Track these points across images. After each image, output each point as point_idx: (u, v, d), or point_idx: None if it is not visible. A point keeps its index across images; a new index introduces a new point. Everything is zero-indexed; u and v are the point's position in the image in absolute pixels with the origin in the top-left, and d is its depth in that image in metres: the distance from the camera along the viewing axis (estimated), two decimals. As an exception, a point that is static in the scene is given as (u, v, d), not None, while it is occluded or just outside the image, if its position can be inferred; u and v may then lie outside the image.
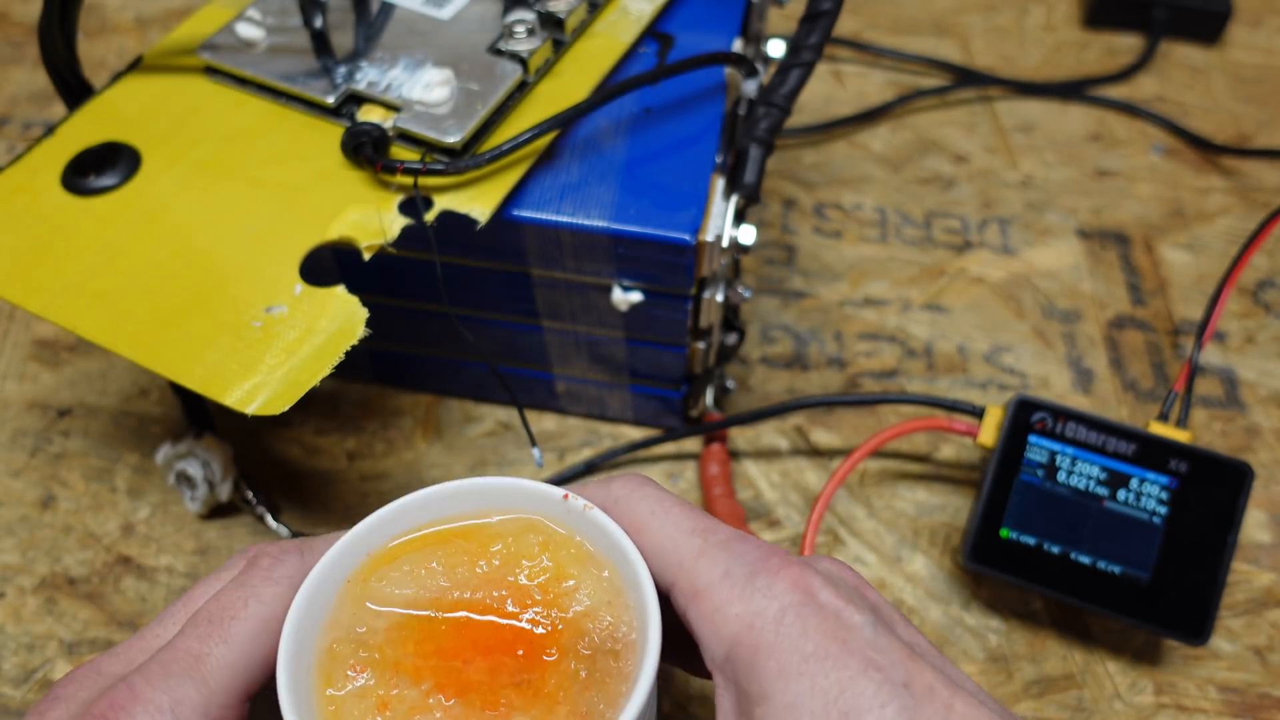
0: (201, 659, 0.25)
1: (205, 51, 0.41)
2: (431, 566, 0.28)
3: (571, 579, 0.28)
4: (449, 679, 0.26)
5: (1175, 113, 0.64)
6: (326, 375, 0.32)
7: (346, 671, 0.26)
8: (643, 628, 0.26)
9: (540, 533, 0.29)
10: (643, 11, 0.44)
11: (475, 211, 0.36)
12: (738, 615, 0.24)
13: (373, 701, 0.25)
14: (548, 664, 0.26)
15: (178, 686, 0.24)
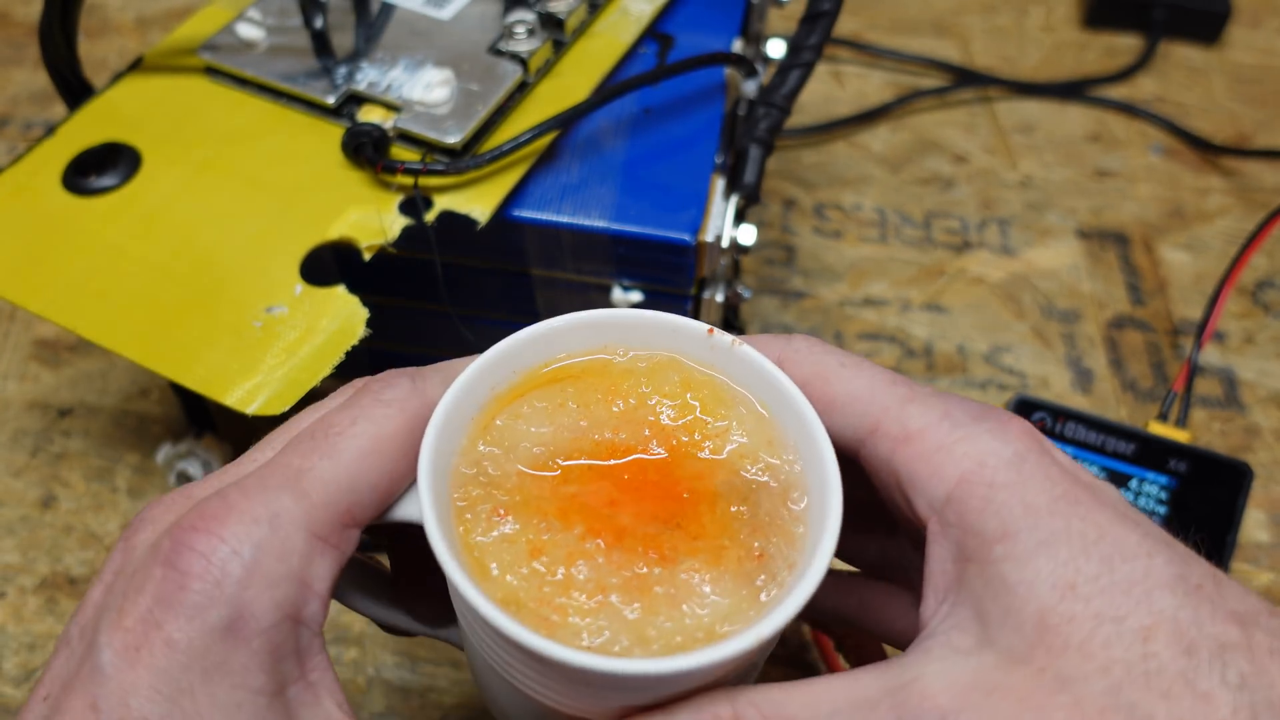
0: (303, 473, 0.22)
1: (206, 52, 0.41)
2: (567, 404, 0.26)
3: (722, 418, 0.26)
4: (601, 523, 0.24)
5: (1175, 113, 0.64)
6: (327, 375, 0.32)
7: (491, 517, 0.24)
8: (813, 460, 0.25)
9: (681, 371, 0.26)
10: (643, 11, 0.44)
11: (475, 212, 0.36)
12: (966, 454, 0.22)
13: (523, 547, 0.23)
14: (705, 506, 0.24)
15: (276, 499, 0.22)
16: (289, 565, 0.21)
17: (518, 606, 0.22)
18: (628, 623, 0.22)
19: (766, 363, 0.26)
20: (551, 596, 0.23)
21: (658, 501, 0.24)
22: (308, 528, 0.22)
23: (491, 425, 0.25)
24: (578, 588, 0.23)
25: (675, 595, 0.23)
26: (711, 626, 0.22)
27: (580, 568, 0.23)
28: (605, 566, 0.23)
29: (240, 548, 0.21)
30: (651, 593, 0.23)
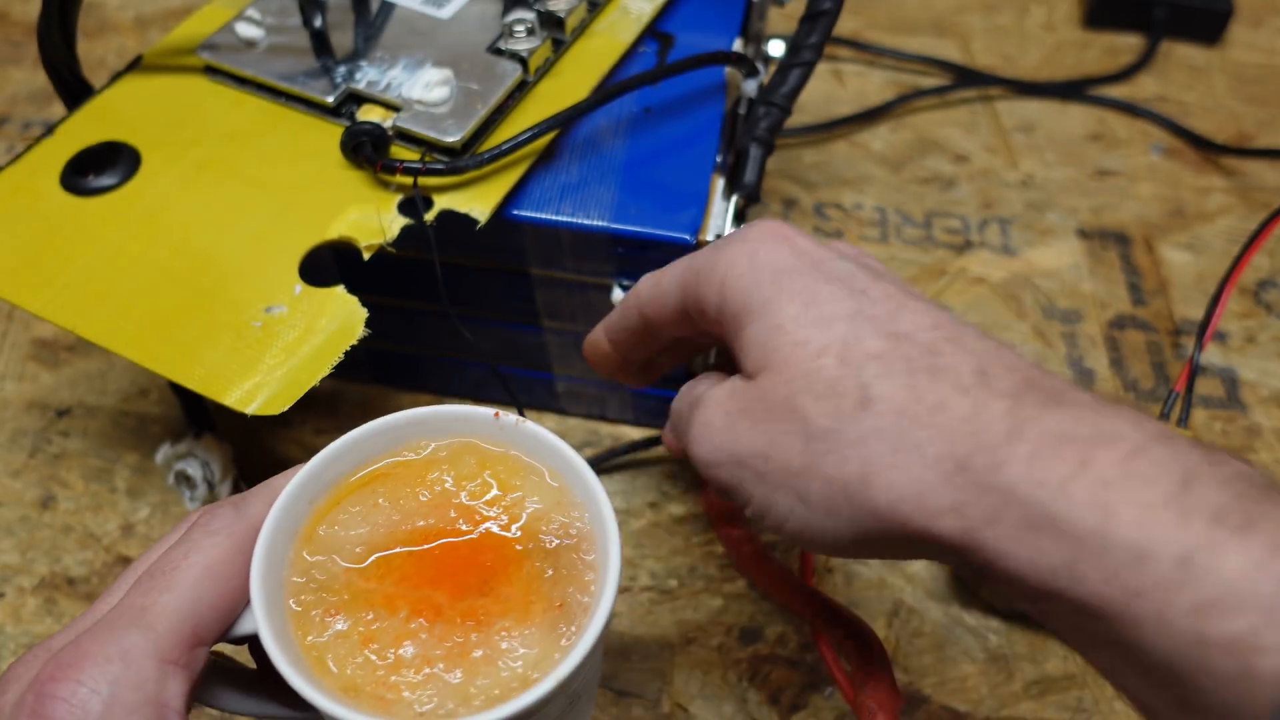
0: (146, 609, 0.25)
1: (205, 51, 0.41)
2: (379, 503, 0.28)
3: (516, 489, 0.29)
4: (423, 604, 0.27)
5: (1176, 112, 0.64)
6: (326, 375, 0.32)
7: (323, 619, 0.26)
8: (596, 517, 0.28)
9: (475, 453, 0.30)
10: (643, 11, 0.44)
11: (475, 211, 0.36)
12: (725, 263, 0.28)
13: (356, 639, 0.26)
14: (512, 570, 0.27)
15: (124, 636, 0.24)
16: (144, 692, 0.24)
17: (356, 692, 0.25)
18: (452, 687, 0.25)
19: (549, 435, 0.29)
20: (385, 678, 0.25)
21: (469, 574, 0.27)
22: (157, 656, 0.24)
23: (315, 535, 0.28)
24: (406, 665, 0.26)
25: (491, 655, 0.26)
26: (525, 675, 0.25)
27: (407, 647, 0.26)
28: (429, 641, 0.26)
29: (98, 686, 0.23)
30: (470, 658, 0.26)
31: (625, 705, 0.39)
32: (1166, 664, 0.20)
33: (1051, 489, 0.21)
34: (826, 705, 0.39)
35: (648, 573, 0.43)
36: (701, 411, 0.27)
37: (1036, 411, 0.22)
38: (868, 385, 0.24)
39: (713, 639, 0.41)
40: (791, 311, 0.26)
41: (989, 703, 0.39)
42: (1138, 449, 0.21)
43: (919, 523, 0.23)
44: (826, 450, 0.24)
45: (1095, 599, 0.21)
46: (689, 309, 0.29)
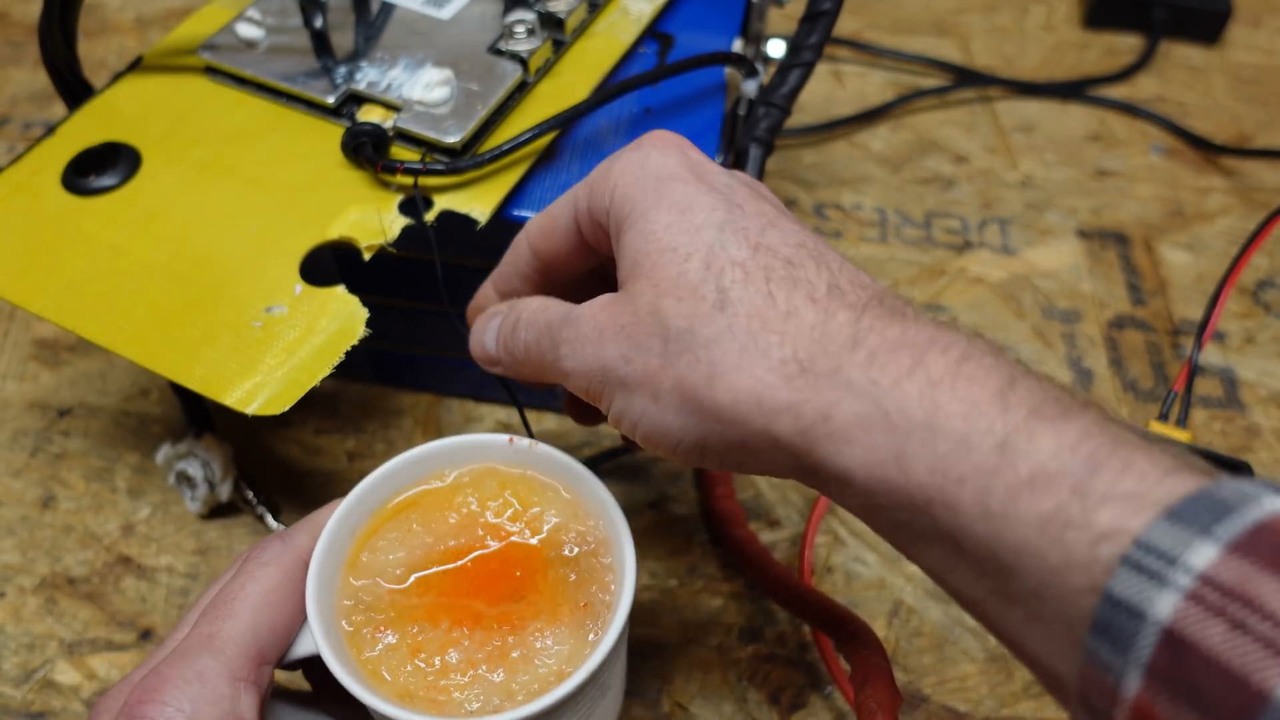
0: (214, 636, 0.28)
1: (205, 51, 0.41)
2: (413, 528, 0.31)
3: (536, 505, 0.32)
4: (462, 614, 0.29)
5: (1175, 113, 0.64)
6: (326, 375, 0.32)
7: (374, 636, 0.29)
8: (609, 524, 0.31)
9: (496, 476, 0.32)
10: (643, 11, 0.44)
11: (475, 211, 0.36)
12: (618, 168, 0.28)
13: (405, 651, 0.29)
14: (539, 577, 0.30)
15: (198, 660, 0.27)
16: (221, 708, 0.27)
17: (411, 698, 0.28)
18: (496, 686, 0.28)
19: (560, 454, 0.32)
20: (435, 682, 0.28)
21: (501, 584, 0.30)
22: (229, 675, 0.27)
23: (359, 562, 0.31)
24: (453, 670, 0.28)
25: (528, 655, 0.29)
26: (559, 670, 0.28)
27: (452, 654, 0.29)
28: (471, 647, 0.29)
29: (181, 705, 0.26)
30: (509, 658, 0.29)
31: (625, 705, 0.39)
32: (987, 550, 0.21)
33: (884, 387, 0.22)
34: (826, 705, 0.39)
35: (648, 573, 0.43)
36: (573, 326, 0.28)
37: (878, 323, 0.24)
38: (726, 290, 0.25)
39: (713, 639, 0.41)
40: (666, 219, 0.26)
41: (988, 702, 0.40)
42: (967, 355, 0.23)
43: (757, 423, 0.24)
44: (681, 350, 0.25)
45: (921, 490, 0.22)
46: (584, 229, 0.30)
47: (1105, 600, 0.19)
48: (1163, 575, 0.18)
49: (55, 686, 0.39)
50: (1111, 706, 0.19)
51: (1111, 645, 0.18)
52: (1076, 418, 0.21)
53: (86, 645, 0.41)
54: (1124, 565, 0.18)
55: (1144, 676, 0.18)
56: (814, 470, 0.24)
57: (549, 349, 0.29)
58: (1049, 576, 0.20)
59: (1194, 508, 0.18)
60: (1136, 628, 0.18)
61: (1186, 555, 0.18)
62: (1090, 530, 0.19)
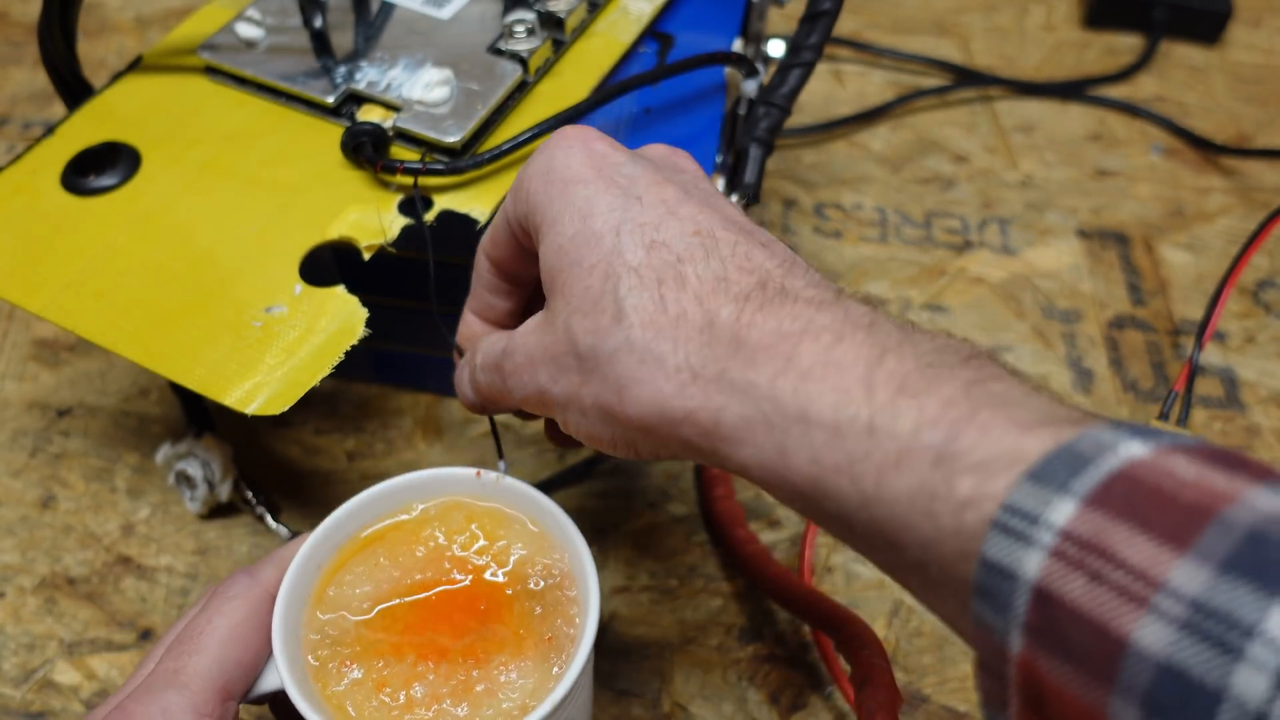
0: (179, 671, 0.28)
1: (205, 51, 0.41)
2: (380, 562, 0.31)
3: (502, 539, 0.32)
4: (427, 648, 0.29)
5: (1175, 113, 0.64)
6: (326, 375, 0.32)
7: (339, 670, 0.29)
8: (575, 557, 0.31)
9: (463, 509, 0.33)
10: (643, 11, 0.44)
11: (475, 211, 0.36)
12: (529, 173, 0.29)
13: (370, 685, 0.29)
14: (504, 611, 0.30)
15: (163, 696, 0.27)
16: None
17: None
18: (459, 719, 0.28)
19: (528, 488, 0.32)
20: (400, 717, 0.28)
21: (466, 618, 0.30)
22: (193, 711, 0.27)
23: (325, 596, 0.31)
24: (418, 704, 0.28)
25: (492, 688, 0.29)
26: (523, 704, 0.28)
27: (416, 688, 0.29)
28: (436, 681, 0.29)
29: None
30: (474, 692, 0.29)
31: (625, 705, 0.39)
32: (873, 529, 0.22)
33: (761, 387, 0.23)
34: (826, 705, 0.39)
35: (648, 573, 0.43)
36: (510, 358, 0.29)
37: (759, 315, 0.24)
38: (622, 300, 0.25)
39: (713, 639, 0.41)
40: (570, 230, 0.27)
41: (989, 702, 0.40)
42: (840, 336, 0.23)
43: (665, 431, 0.25)
44: (592, 369, 0.26)
45: (805, 480, 0.23)
46: (518, 236, 0.30)
47: (981, 565, 0.19)
48: (1027, 535, 0.18)
49: (55, 686, 0.39)
50: (1003, 664, 0.19)
51: (992, 607, 0.19)
52: (943, 386, 0.21)
53: (86, 645, 0.41)
54: (994, 529, 0.19)
55: (1023, 634, 0.18)
56: (722, 465, 0.25)
57: (500, 384, 0.30)
58: (927, 548, 0.21)
59: (1053, 465, 0.19)
60: (1011, 588, 0.19)
61: (1047, 513, 0.18)
62: (953, 500, 0.20)
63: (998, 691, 0.20)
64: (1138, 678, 0.17)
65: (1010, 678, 0.19)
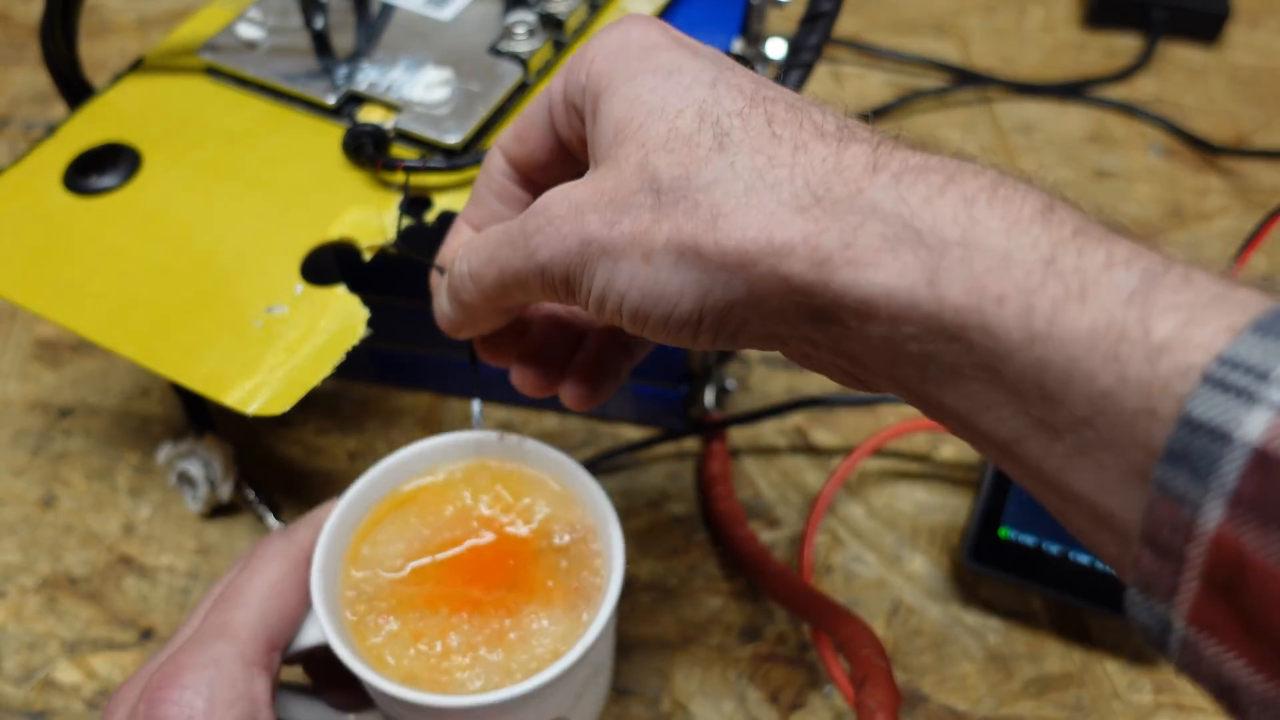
0: (226, 625, 0.29)
1: (206, 52, 0.41)
2: (410, 521, 0.33)
3: (526, 497, 0.33)
4: (460, 600, 0.31)
5: (1174, 113, 0.64)
6: (327, 375, 0.32)
7: (376, 624, 0.31)
8: (598, 512, 0.32)
9: (488, 471, 0.34)
10: (642, 12, 0.44)
11: (475, 212, 0.36)
12: (596, 44, 0.26)
13: (407, 636, 0.30)
14: (532, 565, 0.32)
15: (213, 647, 0.28)
16: (237, 690, 0.28)
17: (415, 680, 0.29)
18: (496, 666, 0.30)
19: (548, 448, 0.34)
20: (437, 665, 0.30)
21: (496, 572, 0.32)
22: (242, 661, 0.28)
23: (359, 554, 0.32)
24: (454, 653, 0.30)
25: (525, 636, 0.30)
26: (555, 650, 0.30)
27: (452, 638, 0.30)
28: (470, 631, 0.30)
29: (199, 689, 0.27)
30: (507, 639, 0.30)
31: (625, 704, 0.39)
32: (1031, 376, 0.19)
33: (914, 204, 0.20)
34: (826, 705, 0.39)
35: (648, 572, 0.43)
36: (541, 214, 0.25)
37: (899, 151, 0.22)
38: (726, 133, 0.23)
39: (713, 638, 0.41)
40: (652, 82, 0.24)
41: (988, 702, 0.40)
42: (1000, 179, 0.21)
43: (768, 263, 0.21)
44: (676, 199, 0.23)
45: (956, 313, 0.19)
46: (558, 121, 0.27)
47: (1182, 423, 0.17)
48: (1252, 391, 0.16)
49: (56, 686, 0.40)
50: (1185, 542, 0.17)
51: (1189, 473, 0.16)
52: (1125, 237, 0.19)
53: (87, 645, 0.41)
54: (1205, 383, 0.16)
55: (1228, 505, 0.16)
56: (830, 308, 0.21)
57: (516, 254, 0.26)
58: (1101, 400, 0.18)
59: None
60: (1220, 451, 0.16)
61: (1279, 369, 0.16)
62: (1147, 343, 0.17)
63: (1168, 576, 0.17)
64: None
65: (1193, 557, 0.17)
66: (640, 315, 0.24)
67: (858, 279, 0.20)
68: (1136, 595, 0.18)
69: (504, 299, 0.28)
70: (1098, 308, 0.18)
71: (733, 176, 0.22)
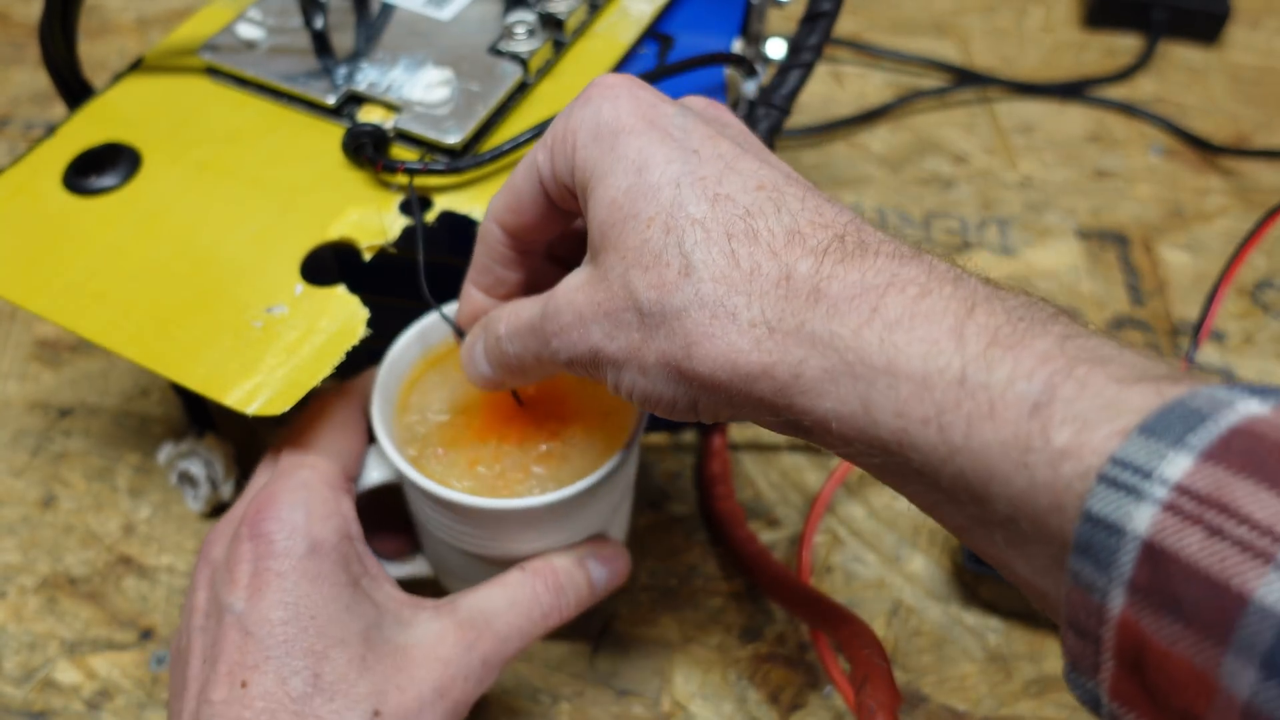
0: (304, 459, 0.33)
1: (206, 52, 0.41)
2: (450, 371, 0.37)
3: None
4: (507, 431, 0.35)
5: (1174, 113, 0.64)
6: (327, 375, 0.32)
7: (434, 456, 0.34)
8: None
9: None
10: (643, 12, 0.44)
11: (476, 212, 0.36)
12: (574, 125, 0.28)
13: (464, 464, 0.34)
14: (565, 396, 0.36)
15: (298, 475, 0.32)
16: (329, 507, 0.31)
17: (478, 495, 0.33)
18: (548, 478, 0.34)
19: None
20: (496, 482, 0.34)
21: (534, 406, 0.36)
22: (328, 484, 0.32)
23: (409, 403, 0.36)
24: (510, 471, 0.34)
25: (569, 454, 0.34)
26: (596, 462, 0.33)
27: (505, 461, 0.34)
28: (520, 454, 0.34)
29: (295, 506, 0.31)
30: (554, 458, 0.34)
31: (625, 704, 0.39)
32: (960, 483, 0.21)
33: (846, 338, 0.22)
34: (826, 705, 0.39)
35: (648, 572, 0.43)
36: (554, 319, 0.28)
37: (839, 268, 0.23)
38: (689, 254, 0.25)
39: (713, 639, 0.41)
40: (623, 183, 0.26)
41: (988, 702, 0.40)
42: (925, 290, 0.22)
43: (738, 387, 0.24)
44: (656, 324, 0.25)
45: (890, 433, 0.22)
46: (552, 195, 0.29)
47: (1084, 519, 0.18)
48: (1138, 489, 0.18)
49: (56, 686, 0.40)
50: (1099, 626, 0.19)
51: (1093, 564, 0.18)
52: (1036, 340, 0.21)
53: (87, 645, 0.41)
54: (1100, 482, 0.18)
55: (1127, 592, 0.18)
56: (796, 423, 0.24)
57: (540, 347, 0.29)
58: (1018, 501, 0.20)
59: (1167, 419, 0.18)
60: (1116, 544, 0.18)
61: (1161, 467, 0.18)
62: (1049, 450, 0.19)
63: (1090, 655, 0.19)
64: (1258, 636, 0.16)
65: (1106, 640, 0.19)
66: (647, 405, 0.27)
67: (811, 405, 0.23)
68: (1070, 672, 0.20)
69: (540, 374, 0.31)
70: (1004, 422, 0.20)
71: (699, 305, 0.24)
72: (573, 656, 0.41)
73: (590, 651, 0.41)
